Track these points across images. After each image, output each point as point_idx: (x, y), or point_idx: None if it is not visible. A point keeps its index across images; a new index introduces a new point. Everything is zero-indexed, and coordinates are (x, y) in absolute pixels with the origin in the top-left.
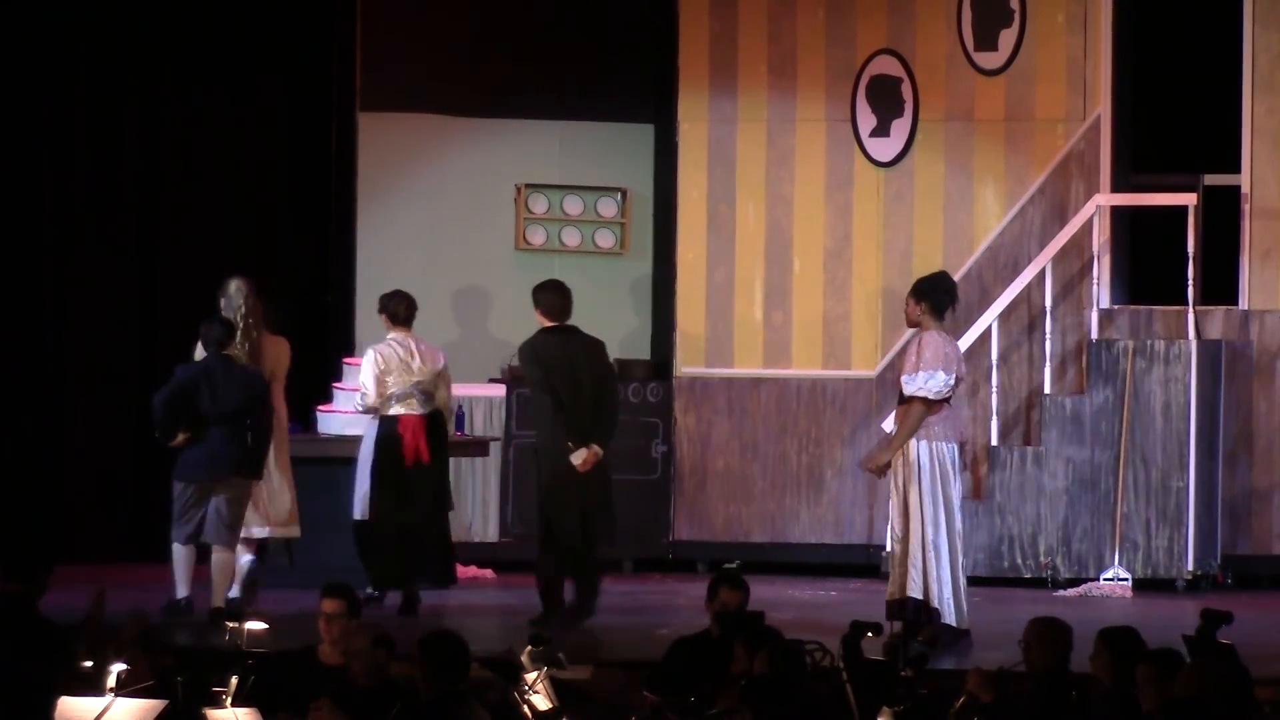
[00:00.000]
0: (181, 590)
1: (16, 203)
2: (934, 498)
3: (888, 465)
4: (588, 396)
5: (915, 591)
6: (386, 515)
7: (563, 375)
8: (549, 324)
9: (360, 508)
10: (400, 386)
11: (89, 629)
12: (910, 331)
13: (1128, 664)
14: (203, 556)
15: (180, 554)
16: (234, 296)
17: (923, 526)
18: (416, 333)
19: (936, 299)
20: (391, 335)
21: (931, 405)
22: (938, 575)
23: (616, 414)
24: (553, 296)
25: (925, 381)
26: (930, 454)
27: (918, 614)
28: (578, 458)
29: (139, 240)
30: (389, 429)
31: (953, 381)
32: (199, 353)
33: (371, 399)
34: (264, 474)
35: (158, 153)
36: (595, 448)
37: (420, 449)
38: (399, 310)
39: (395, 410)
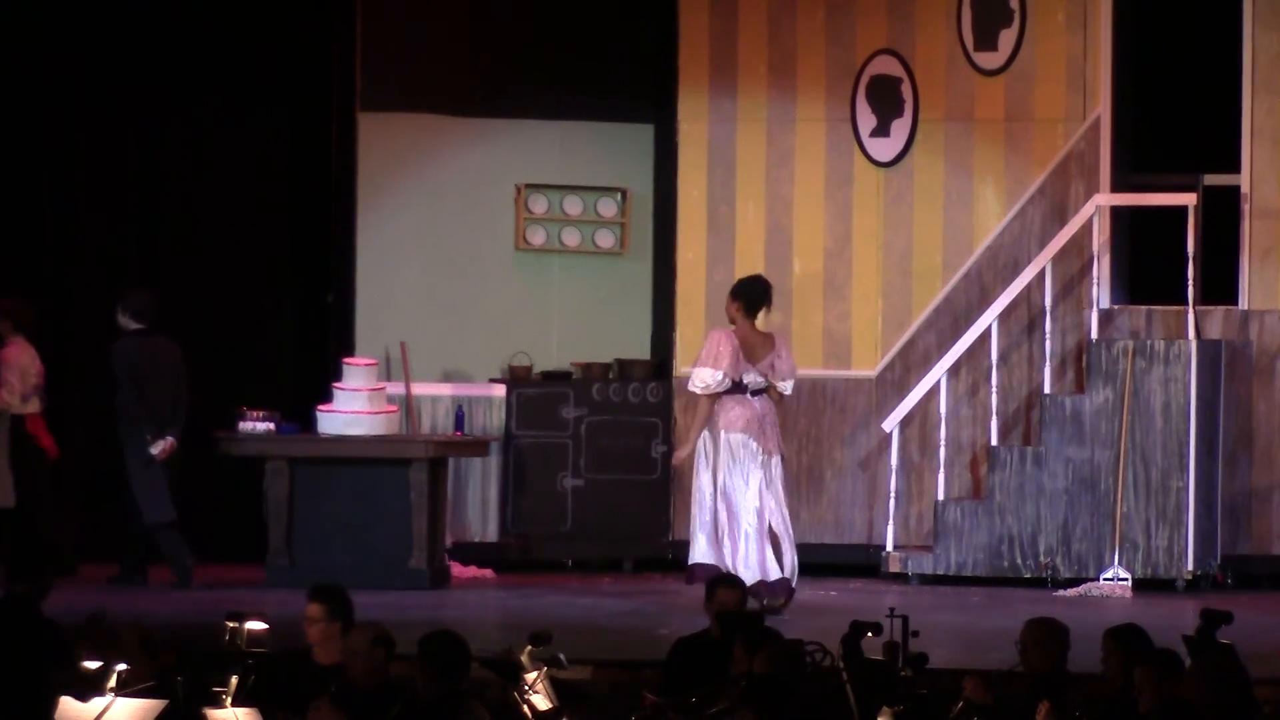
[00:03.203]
0: None
1: (16, 198)
2: (711, 480)
3: (687, 457)
4: (168, 393)
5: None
6: (39, 505)
7: (148, 373)
8: (137, 326)
9: (9, 497)
10: (27, 388)
11: (89, 641)
12: (909, 331)
13: (1139, 662)
14: None
15: None
16: None
17: (700, 506)
18: (417, 329)
19: (749, 299)
20: (15, 339)
21: (717, 397)
22: (716, 547)
23: (187, 409)
24: (145, 302)
25: (695, 377)
26: (708, 440)
27: (696, 576)
28: (156, 448)
29: (140, 240)
30: (22, 427)
31: (721, 376)
32: None
33: (16, 397)
34: None
35: (158, 153)
36: (171, 439)
37: (52, 444)
38: (24, 317)
39: (27, 409)
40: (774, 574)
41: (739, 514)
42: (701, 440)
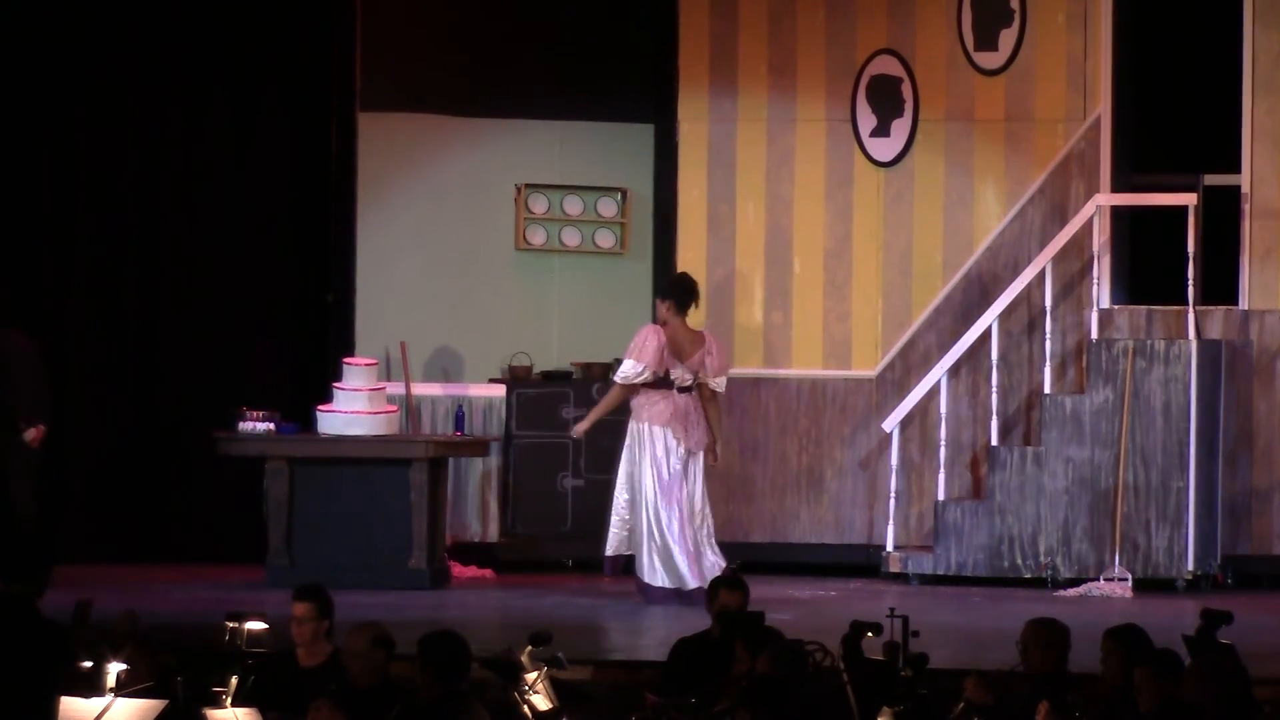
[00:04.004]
0: None
1: (16, 198)
2: (637, 472)
3: (584, 430)
4: (30, 385)
5: (610, 549)
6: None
7: (16, 364)
8: None
9: None
10: None
11: (80, 638)
12: (909, 331)
13: (1139, 662)
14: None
15: None
16: None
17: (621, 495)
18: (417, 329)
19: (679, 297)
20: None
21: (635, 389)
22: (643, 537)
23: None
24: (4, 294)
25: (620, 369)
26: (636, 434)
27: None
28: (28, 434)
29: (140, 239)
30: None
31: (641, 369)
32: None
33: None
34: None
35: (158, 153)
36: (42, 425)
37: None
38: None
39: None
40: (692, 582)
41: (652, 508)
42: (633, 436)
